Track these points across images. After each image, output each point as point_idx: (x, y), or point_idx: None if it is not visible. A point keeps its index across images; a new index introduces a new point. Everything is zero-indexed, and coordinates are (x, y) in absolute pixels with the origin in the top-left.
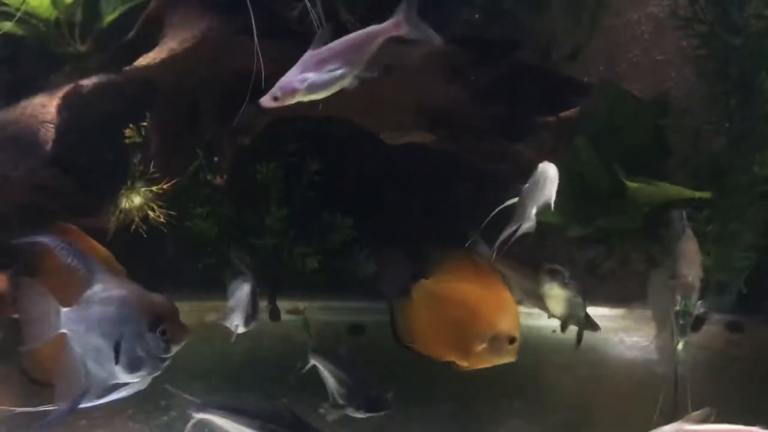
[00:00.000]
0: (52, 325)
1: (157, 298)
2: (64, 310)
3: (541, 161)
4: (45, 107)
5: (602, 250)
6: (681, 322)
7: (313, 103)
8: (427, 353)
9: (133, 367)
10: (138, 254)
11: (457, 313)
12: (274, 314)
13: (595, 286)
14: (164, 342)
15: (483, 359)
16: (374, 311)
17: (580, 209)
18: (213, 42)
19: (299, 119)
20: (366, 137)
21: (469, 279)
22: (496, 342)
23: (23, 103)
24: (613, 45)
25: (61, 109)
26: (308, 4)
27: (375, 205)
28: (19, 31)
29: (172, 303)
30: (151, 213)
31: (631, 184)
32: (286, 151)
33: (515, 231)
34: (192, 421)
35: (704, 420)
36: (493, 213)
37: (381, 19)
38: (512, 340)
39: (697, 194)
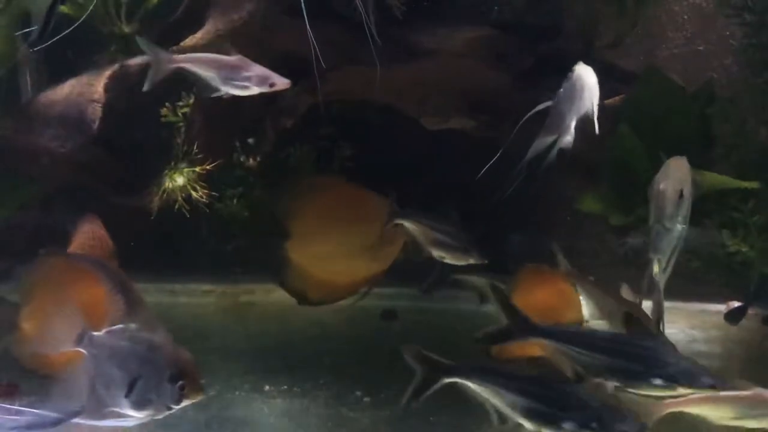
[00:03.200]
0: (73, 342)
1: (183, 353)
2: (91, 333)
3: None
4: (92, 86)
5: (643, 238)
6: (658, 239)
7: (354, 86)
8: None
9: (140, 406)
10: (173, 235)
11: None
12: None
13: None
14: (179, 395)
15: None
16: (405, 297)
17: (623, 197)
18: (259, 23)
19: (336, 103)
20: (404, 122)
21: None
22: None
23: (71, 82)
24: (656, 34)
25: (107, 88)
26: None
27: (413, 191)
28: (67, 11)
29: (195, 362)
30: (193, 193)
31: None
32: (321, 135)
33: (552, 144)
34: (439, 384)
35: None
36: (525, 118)
37: (426, 4)
38: None
39: (744, 184)
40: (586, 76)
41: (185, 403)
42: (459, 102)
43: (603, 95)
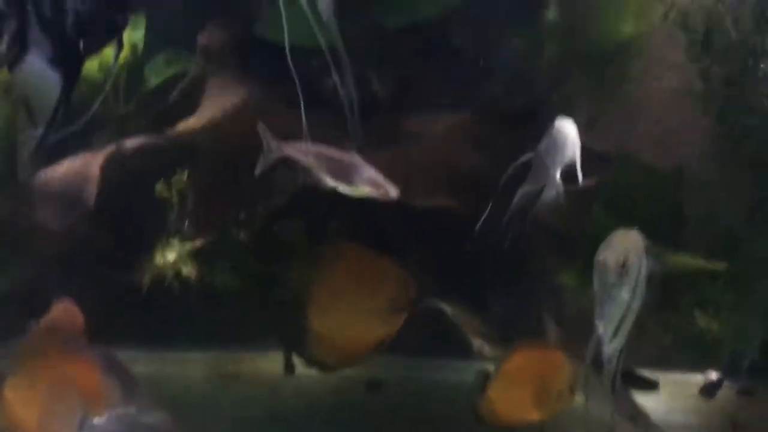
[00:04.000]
0: (74, 428)
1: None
2: (92, 419)
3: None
4: (89, 166)
5: None
6: (601, 306)
7: None
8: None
9: None
10: (163, 304)
11: None
12: (290, 368)
13: None
14: None
15: None
16: (392, 366)
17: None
18: (251, 109)
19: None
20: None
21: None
22: None
23: (69, 161)
24: (629, 114)
25: (104, 167)
26: (336, 78)
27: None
28: None
29: None
30: (184, 269)
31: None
32: (312, 210)
33: (538, 195)
34: None
35: None
36: (504, 177)
37: (410, 90)
38: None
39: (711, 266)
40: (566, 128)
41: None
42: (442, 182)
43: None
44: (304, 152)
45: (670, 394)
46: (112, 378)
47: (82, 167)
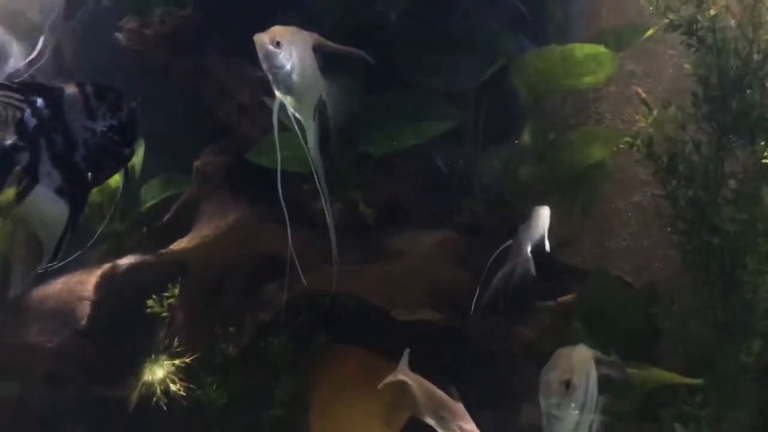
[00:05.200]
0: None
1: None
2: None
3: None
4: (83, 284)
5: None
6: (549, 426)
7: (330, 281)
8: None
9: None
10: (150, 421)
11: None
12: None
13: None
14: None
15: None
16: None
17: None
18: (243, 229)
19: (314, 295)
20: (376, 313)
21: None
22: None
23: (63, 279)
24: (604, 230)
25: (98, 286)
26: (324, 202)
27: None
28: None
29: None
30: (172, 386)
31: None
32: (298, 324)
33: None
34: None
35: None
36: (493, 256)
37: (395, 211)
38: None
39: (687, 380)
40: (541, 212)
41: None
42: (425, 297)
43: (558, 294)
44: (419, 387)
45: None
46: None
47: (76, 286)
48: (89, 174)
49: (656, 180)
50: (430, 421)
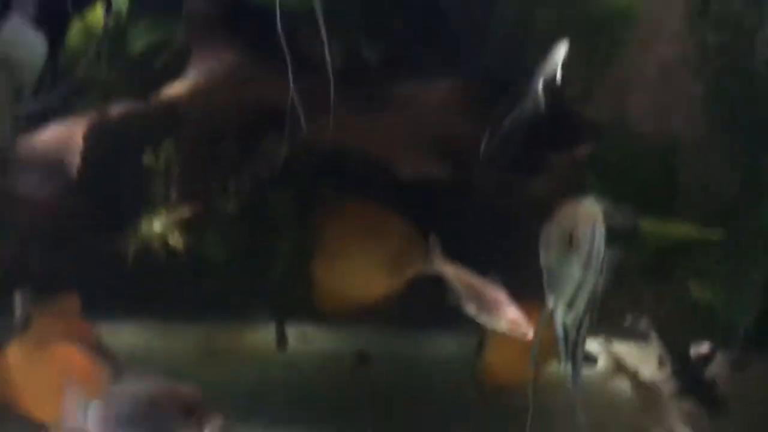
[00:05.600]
0: (77, 421)
1: (183, 388)
2: (91, 405)
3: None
4: (72, 133)
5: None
6: (549, 280)
7: (333, 134)
8: None
9: None
10: (150, 276)
11: None
12: (282, 342)
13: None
14: (199, 428)
15: None
16: (383, 339)
17: None
18: (238, 75)
19: (316, 150)
20: (381, 169)
21: None
22: None
23: (51, 128)
24: (623, 87)
25: (88, 135)
26: (324, 44)
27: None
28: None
29: (199, 391)
30: (170, 239)
31: (643, 223)
32: (300, 179)
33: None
34: None
35: None
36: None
37: (402, 58)
38: None
39: (707, 234)
40: (559, 48)
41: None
42: (433, 151)
43: (572, 146)
44: (457, 277)
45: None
46: (100, 361)
47: (64, 134)
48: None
49: (686, 25)
50: (472, 311)
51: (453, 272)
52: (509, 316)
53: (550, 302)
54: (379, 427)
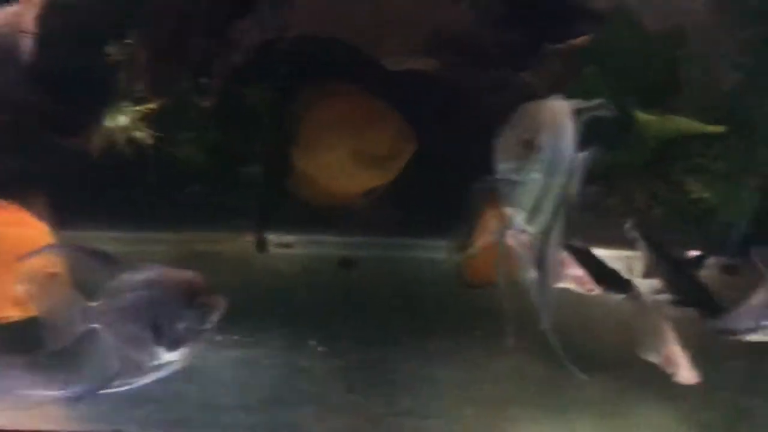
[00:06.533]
0: (78, 323)
1: (184, 273)
2: (90, 305)
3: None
4: (22, 16)
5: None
6: (507, 190)
7: (311, 20)
8: None
9: (174, 344)
10: (124, 180)
11: None
12: (261, 245)
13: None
14: (204, 314)
15: None
16: (366, 245)
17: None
18: None
19: (294, 41)
20: (366, 62)
21: None
22: None
23: None
24: None
25: (40, 17)
26: None
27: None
28: None
29: (200, 275)
30: (138, 134)
31: (640, 116)
32: (278, 74)
33: None
34: None
35: None
36: None
37: None
38: None
39: (708, 128)
40: None
41: (215, 316)
42: (421, 41)
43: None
44: (518, 242)
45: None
46: (91, 262)
47: (13, 18)
48: None
49: None
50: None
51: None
52: (573, 274)
53: (509, 210)
54: (363, 328)
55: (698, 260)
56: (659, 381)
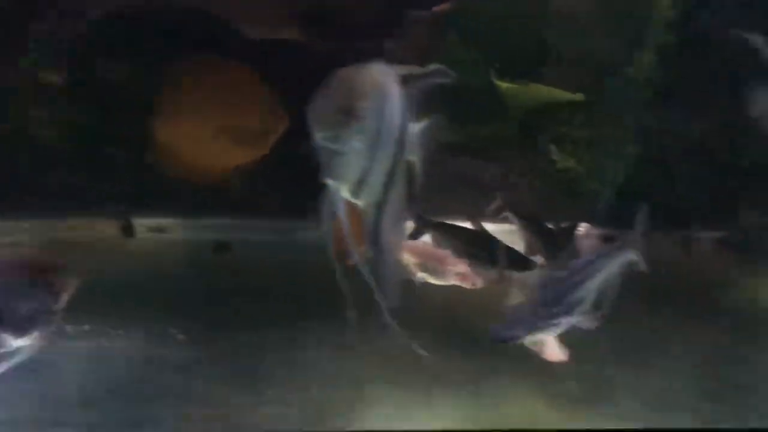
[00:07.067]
0: None
1: (25, 253)
2: None
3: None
4: None
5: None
6: (326, 161)
7: None
8: None
9: (21, 330)
10: None
11: None
12: (128, 230)
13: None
14: (51, 293)
15: None
16: (240, 228)
17: (452, 113)
18: None
19: (156, 11)
20: (233, 32)
21: None
22: None
23: None
24: None
25: None
26: None
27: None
28: None
29: (49, 254)
30: None
31: (503, 85)
32: (138, 46)
33: None
34: None
35: None
36: None
37: None
38: None
39: (568, 96)
40: None
41: (65, 295)
42: (289, 10)
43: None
44: (409, 249)
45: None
46: None
47: None
48: None
49: None
50: (425, 276)
51: (407, 248)
52: (457, 271)
53: (330, 182)
54: (232, 315)
55: (570, 230)
56: (527, 359)
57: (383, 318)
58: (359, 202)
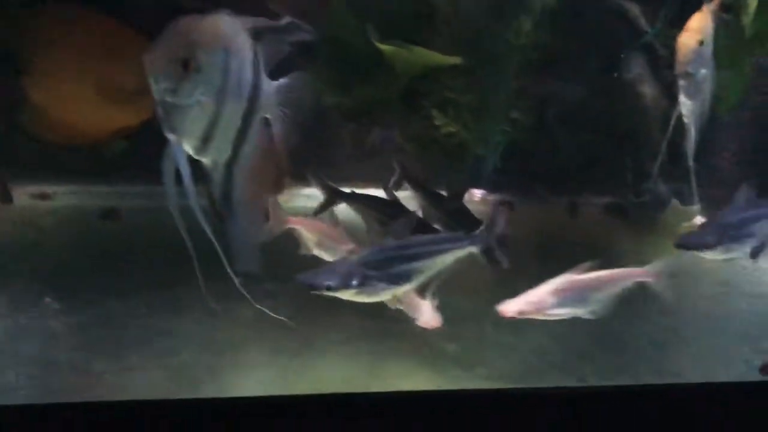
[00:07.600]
0: None
1: None
2: None
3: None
4: None
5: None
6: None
7: None
8: None
9: None
10: None
11: None
12: (5, 197)
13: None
14: None
15: None
16: (130, 195)
17: (338, 76)
18: None
19: None
20: None
21: None
22: None
23: None
24: None
25: None
26: None
27: None
28: None
29: None
30: None
31: (385, 48)
32: None
33: None
34: None
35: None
36: None
37: None
38: None
39: (445, 59)
40: None
41: None
42: None
43: None
44: (305, 226)
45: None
46: None
47: None
48: None
49: None
50: (321, 254)
51: (302, 225)
52: (349, 249)
53: (171, 138)
54: (112, 283)
55: (457, 196)
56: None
57: (233, 282)
58: (205, 160)
